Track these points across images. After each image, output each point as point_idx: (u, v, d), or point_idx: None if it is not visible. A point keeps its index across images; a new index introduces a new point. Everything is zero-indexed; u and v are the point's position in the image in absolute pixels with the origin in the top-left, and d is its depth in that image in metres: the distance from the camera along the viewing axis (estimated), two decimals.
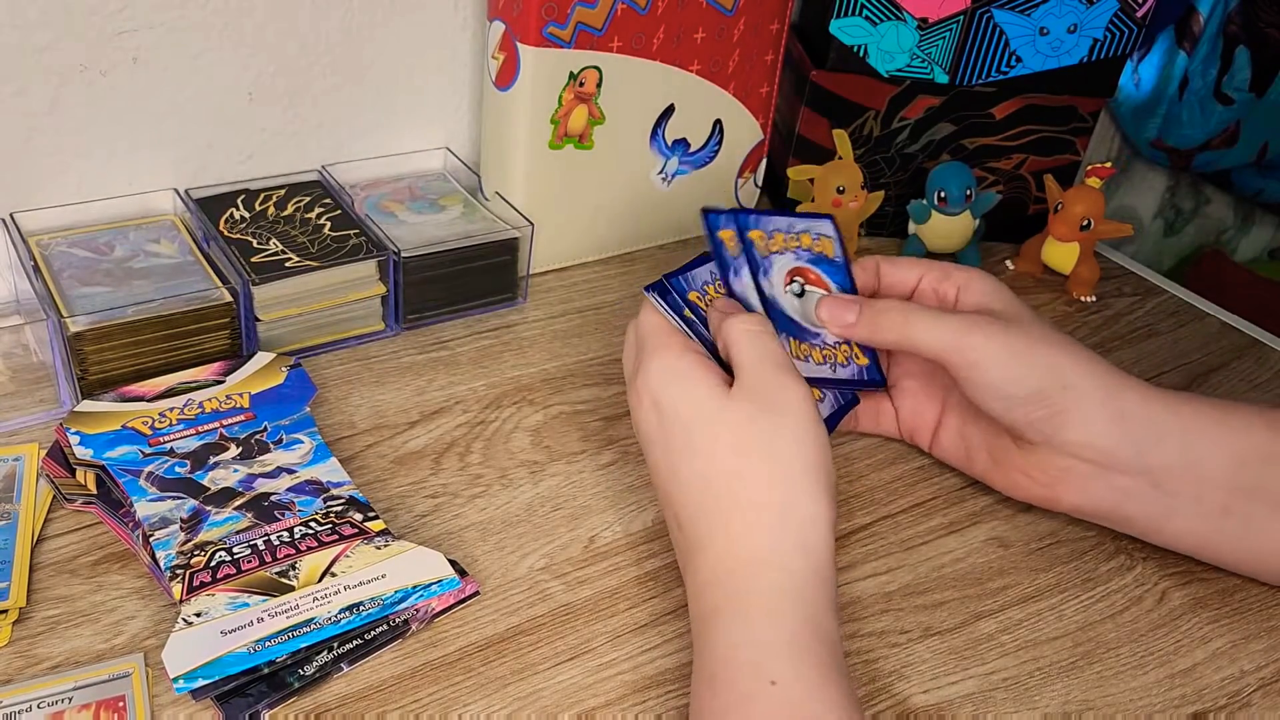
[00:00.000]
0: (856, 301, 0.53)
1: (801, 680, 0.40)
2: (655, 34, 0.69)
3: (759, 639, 0.41)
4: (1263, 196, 1.13)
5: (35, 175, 0.63)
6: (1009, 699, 0.47)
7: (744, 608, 0.42)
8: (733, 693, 0.40)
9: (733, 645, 0.41)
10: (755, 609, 0.42)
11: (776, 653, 0.41)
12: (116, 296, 0.58)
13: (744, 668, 0.41)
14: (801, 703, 0.39)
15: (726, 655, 0.41)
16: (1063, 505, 0.53)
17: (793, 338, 0.52)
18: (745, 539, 0.44)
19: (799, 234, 0.55)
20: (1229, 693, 0.49)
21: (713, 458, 0.45)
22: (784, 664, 0.40)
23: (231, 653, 0.43)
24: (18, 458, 0.54)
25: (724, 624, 0.42)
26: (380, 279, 0.65)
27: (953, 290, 0.54)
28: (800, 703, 0.39)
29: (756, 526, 0.44)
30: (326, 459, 0.54)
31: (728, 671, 0.41)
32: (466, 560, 0.51)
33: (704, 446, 0.46)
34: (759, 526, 0.44)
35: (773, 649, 0.41)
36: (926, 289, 0.55)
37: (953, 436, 0.57)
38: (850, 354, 0.54)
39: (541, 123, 0.68)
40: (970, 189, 0.75)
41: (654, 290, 0.51)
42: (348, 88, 0.71)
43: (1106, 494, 0.51)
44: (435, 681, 0.46)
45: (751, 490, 0.45)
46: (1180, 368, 0.71)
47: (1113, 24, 0.75)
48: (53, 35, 0.60)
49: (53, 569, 0.49)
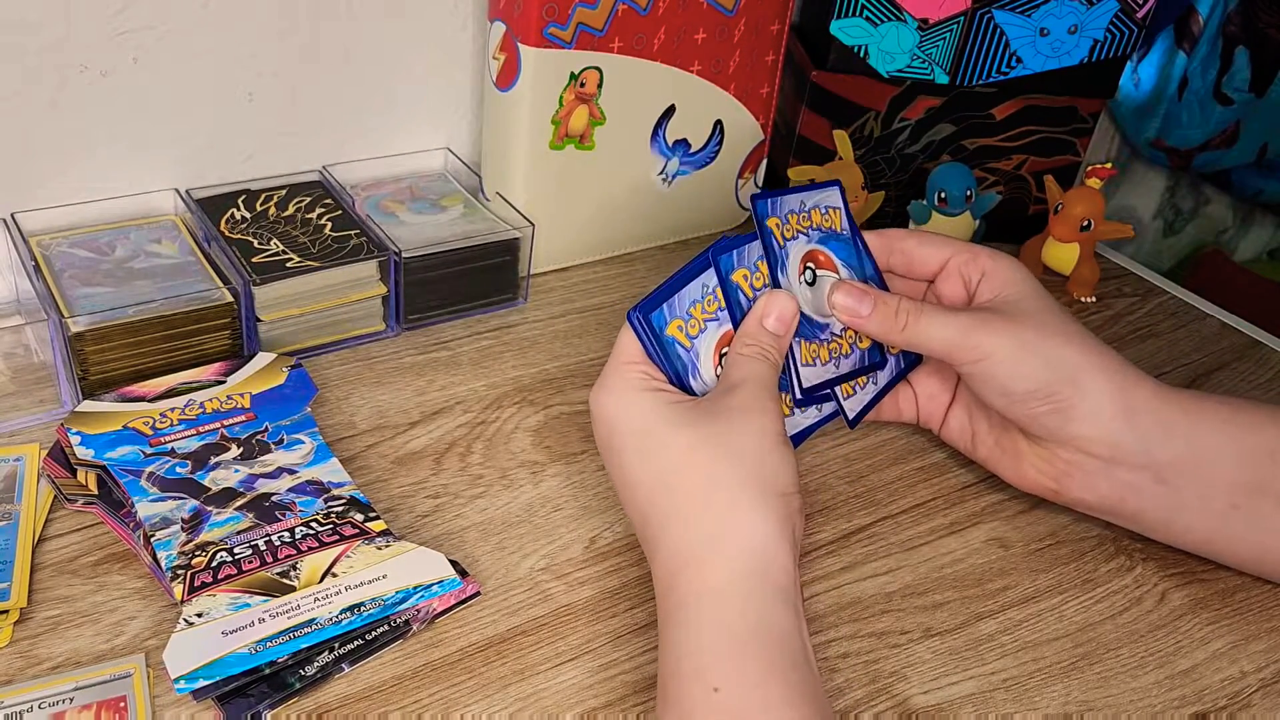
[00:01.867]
0: (870, 294, 0.51)
1: (743, 684, 0.39)
2: (656, 34, 0.69)
3: (702, 645, 0.41)
4: (1262, 196, 1.13)
5: (35, 175, 0.63)
6: (1009, 699, 0.47)
7: (688, 615, 0.42)
8: (681, 705, 0.40)
9: (678, 656, 0.41)
10: (696, 613, 0.42)
11: (718, 657, 0.40)
12: (117, 297, 0.58)
13: (689, 678, 0.40)
14: (741, 708, 0.39)
15: (674, 667, 0.41)
16: (1068, 498, 0.53)
17: (802, 340, 0.51)
18: (689, 538, 0.43)
19: (809, 211, 0.54)
20: (1229, 693, 0.49)
21: (661, 461, 0.45)
22: (726, 668, 0.40)
23: (232, 653, 0.43)
24: (19, 458, 0.54)
25: (672, 634, 0.42)
26: (381, 279, 0.65)
27: (977, 274, 0.54)
28: (740, 708, 0.39)
29: (700, 524, 0.43)
30: (327, 459, 0.54)
31: (675, 683, 0.41)
32: (467, 561, 0.51)
33: (654, 450, 0.45)
34: (703, 523, 0.43)
35: (715, 654, 0.40)
36: (952, 270, 0.55)
37: (961, 423, 0.57)
38: (854, 338, 0.54)
39: (542, 123, 0.68)
40: (970, 190, 0.75)
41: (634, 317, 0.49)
42: (348, 88, 0.71)
43: (1112, 489, 0.51)
44: (436, 682, 0.46)
45: (696, 488, 0.44)
46: (1180, 368, 0.71)
47: (1113, 25, 0.75)
48: (53, 35, 0.60)
49: (54, 569, 0.49)
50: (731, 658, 0.40)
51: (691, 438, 0.45)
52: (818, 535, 0.55)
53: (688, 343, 0.49)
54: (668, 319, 0.49)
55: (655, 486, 0.45)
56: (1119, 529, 0.57)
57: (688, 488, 0.44)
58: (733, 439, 0.45)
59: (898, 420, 0.59)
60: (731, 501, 0.44)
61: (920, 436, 0.63)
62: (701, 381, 0.49)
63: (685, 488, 0.44)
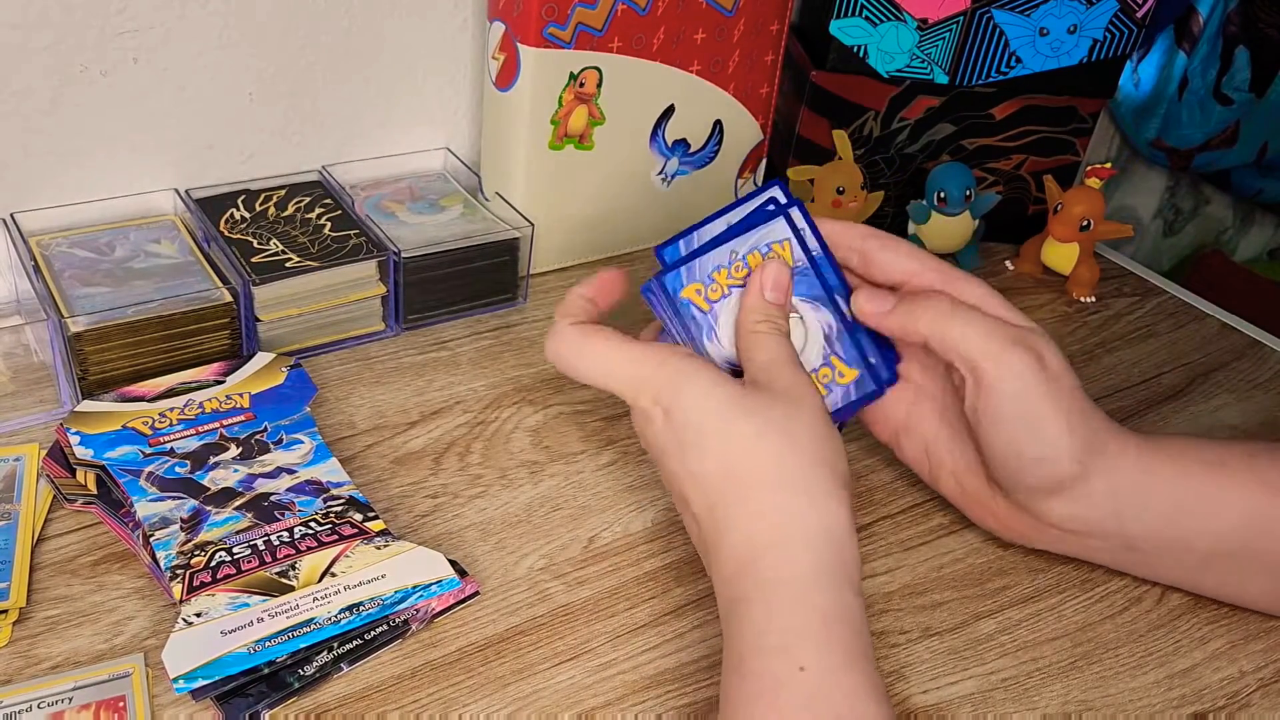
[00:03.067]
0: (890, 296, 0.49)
1: (830, 666, 0.40)
2: (655, 34, 0.69)
3: (785, 625, 0.41)
4: (1262, 197, 1.13)
5: (35, 175, 0.63)
6: (1008, 699, 0.47)
7: (769, 594, 0.42)
8: (762, 679, 0.40)
9: (759, 632, 0.41)
10: (780, 595, 0.42)
11: (803, 637, 0.40)
12: (117, 297, 0.58)
13: (772, 654, 0.40)
14: (830, 689, 0.39)
15: (754, 642, 0.41)
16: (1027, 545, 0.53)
17: None
18: (765, 523, 0.44)
19: (745, 257, 0.50)
20: (1228, 693, 0.49)
21: (728, 447, 0.45)
22: (811, 649, 0.40)
23: (231, 653, 0.43)
24: (18, 458, 0.54)
25: (751, 611, 0.42)
26: (380, 279, 0.65)
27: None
28: (829, 689, 0.39)
29: (776, 510, 0.44)
30: (326, 459, 0.54)
31: (756, 659, 0.41)
32: (466, 560, 0.51)
33: (718, 437, 0.45)
34: (779, 510, 0.44)
35: (800, 634, 0.41)
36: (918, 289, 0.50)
37: (916, 447, 0.54)
38: (831, 377, 0.51)
39: (542, 123, 0.68)
40: (970, 189, 0.75)
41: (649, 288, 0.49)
42: (348, 88, 0.71)
43: (1077, 551, 0.52)
44: (435, 681, 0.46)
45: (768, 475, 0.44)
46: (1180, 367, 0.71)
47: (1112, 24, 0.75)
48: (53, 35, 0.60)
49: (53, 569, 0.49)
50: (819, 640, 0.40)
51: (758, 426, 0.45)
52: None
53: (705, 305, 0.50)
54: (684, 283, 0.49)
55: (723, 475, 0.45)
56: None
57: (759, 476, 0.44)
58: (793, 426, 0.45)
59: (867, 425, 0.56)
60: (808, 489, 0.44)
61: None
62: (718, 345, 0.50)
63: (756, 476, 0.44)
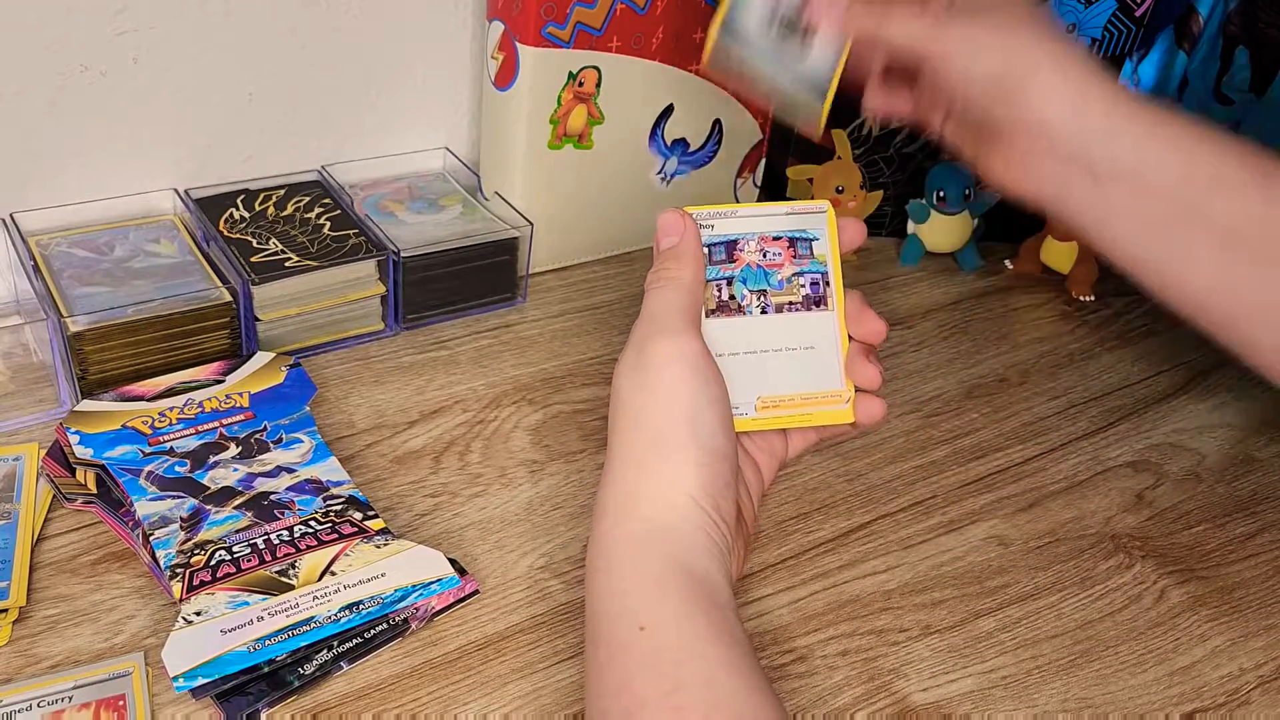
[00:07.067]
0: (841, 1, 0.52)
1: (667, 621, 0.40)
2: (654, 34, 0.69)
3: (625, 587, 0.41)
4: None
5: (35, 175, 0.63)
6: (1008, 697, 0.48)
7: (610, 561, 0.42)
8: (610, 645, 0.40)
9: (603, 599, 0.42)
10: (620, 558, 0.42)
11: (642, 597, 0.41)
12: (116, 296, 0.58)
13: (616, 619, 0.41)
14: (670, 646, 0.39)
15: (600, 610, 0.42)
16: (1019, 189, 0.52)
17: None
18: (610, 489, 0.44)
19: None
20: (1228, 690, 0.49)
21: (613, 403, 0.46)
22: (650, 608, 0.40)
23: (231, 651, 0.43)
24: (18, 457, 0.54)
25: (598, 580, 0.43)
26: (380, 279, 0.65)
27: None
28: (669, 646, 0.39)
29: (622, 477, 0.44)
30: (326, 458, 0.54)
31: (603, 626, 0.41)
32: (466, 559, 0.51)
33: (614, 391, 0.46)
34: (624, 477, 0.44)
35: (637, 595, 0.41)
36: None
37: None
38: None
39: (541, 123, 0.68)
40: (969, 189, 0.75)
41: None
42: (348, 88, 0.71)
43: (1050, 176, 0.50)
44: (435, 680, 0.46)
45: (619, 438, 0.45)
46: (1179, 366, 0.71)
47: (1111, 24, 0.75)
48: (53, 35, 0.60)
49: (53, 568, 0.49)
50: (654, 598, 0.41)
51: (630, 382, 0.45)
52: (816, 533, 0.55)
53: None
54: None
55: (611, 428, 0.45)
56: (1118, 527, 0.57)
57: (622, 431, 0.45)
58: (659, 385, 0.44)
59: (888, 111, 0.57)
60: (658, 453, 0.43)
61: (920, 435, 0.63)
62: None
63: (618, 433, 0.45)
